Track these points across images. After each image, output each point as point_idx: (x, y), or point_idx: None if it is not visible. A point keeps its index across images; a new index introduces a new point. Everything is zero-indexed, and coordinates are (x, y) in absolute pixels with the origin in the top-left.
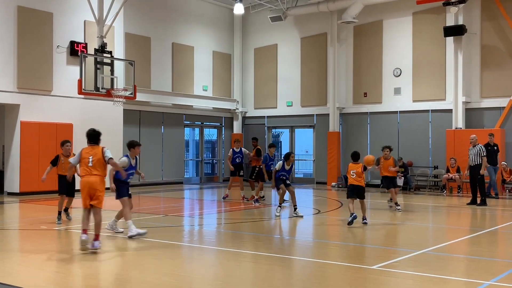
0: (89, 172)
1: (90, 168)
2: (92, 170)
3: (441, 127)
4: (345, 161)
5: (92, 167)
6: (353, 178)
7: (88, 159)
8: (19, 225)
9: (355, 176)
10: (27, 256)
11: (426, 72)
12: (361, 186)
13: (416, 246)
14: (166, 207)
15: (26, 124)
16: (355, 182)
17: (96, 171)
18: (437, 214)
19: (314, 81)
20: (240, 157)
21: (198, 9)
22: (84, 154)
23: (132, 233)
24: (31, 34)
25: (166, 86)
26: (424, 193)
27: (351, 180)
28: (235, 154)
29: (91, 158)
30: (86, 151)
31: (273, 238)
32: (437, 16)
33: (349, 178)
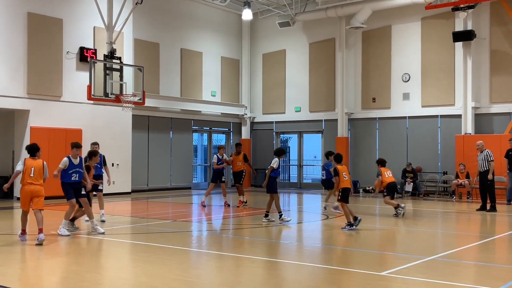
0: (31, 181)
1: (32, 178)
2: (33, 180)
3: (450, 133)
4: (354, 167)
5: (34, 178)
6: (346, 181)
7: (30, 170)
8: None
9: (347, 179)
10: (36, 261)
11: (435, 77)
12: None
13: (425, 252)
14: (175, 212)
15: (36, 129)
16: (349, 185)
17: (37, 180)
18: (447, 220)
19: (323, 86)
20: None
21: (206, 15)
22: (27, 165)
23: (60, 232)
24: (41, 40)
25: (175, 92)
26: (433, 199)
27: (346, 183)
28: (219, 160)
29: (33, 170)
30: (29, 162)
31: (281, 243)
32: (446, 21)
33: (342, 180)
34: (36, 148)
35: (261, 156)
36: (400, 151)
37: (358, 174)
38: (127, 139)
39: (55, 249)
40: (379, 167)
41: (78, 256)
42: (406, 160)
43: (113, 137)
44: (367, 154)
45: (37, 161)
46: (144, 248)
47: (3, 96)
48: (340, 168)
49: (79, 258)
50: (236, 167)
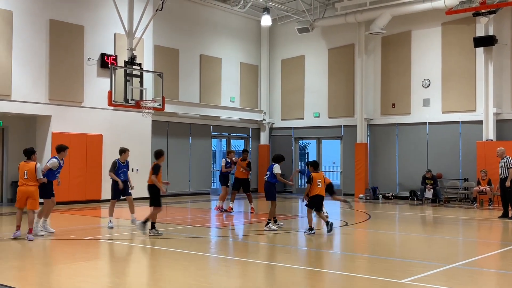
0: (25, 183)
1: (26, 180)
2: (27, 181)
3: (471, 139)
4: (373, 173)
5: (27, 179)
6: (319, 188)
7: (23, 173)
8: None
9: (321, 186)
10: (56, 266)
11: (456, 83)
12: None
13: (446, 260)
14: (193, 218)
15: (57, 135)
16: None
17: (31, 182)
18: (468, 227)
19: (342, 92)
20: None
21: (225, 21)
22: (21, 168)
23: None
24: (63, 47)
25: (194, 98)
26: (454, 205)
27: (318, 190)
28: (228, 164)
29: (26, 172)
30: (21, 165)
31: (299, 250)
32: (467, 26)
33: (315, 188)
34: (30, 151)
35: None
36: (420, 157)
37: (377, 181)
38: (147, 145)
39: (74, 253)
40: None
41: (98, 260)
42: (427, 166)
43: (133, 142)
44: (386, 161)
45: (30, 164)
46: (163, 253)
47: (25, 102)
48: (314, 176)
49: (99, 263)
50: (240, 173)
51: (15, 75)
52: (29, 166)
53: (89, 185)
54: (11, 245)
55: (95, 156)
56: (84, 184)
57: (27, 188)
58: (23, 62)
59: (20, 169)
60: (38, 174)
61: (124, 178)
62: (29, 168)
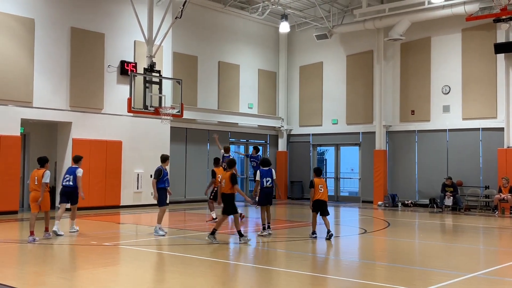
0: (35, 188)
1: (36, 186)
2: (37, 187)
3: (492, 146)
4: (392, 180)
5: (37, 185)
6: (321, 193)
7: (34, 179)
8: (69, 240)
9: (323, 191)
10: (74, 272)
11: (476, 89)
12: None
13: (467, 269)
14: (212, 224)
15: (78, 141)
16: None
17: (40, 187)
18: (489, 235)
19: (360, 98)
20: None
21: (244, 28)
22: (32, 175)
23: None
24: (84, 54)
25: (212, 104)
26: (475, 213)
27: (321, 195)
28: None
29: (36, 178)
30: (33, 172)
31: (318, 257)
32: (487, 32)
33: (317, 193)
34: (44, 160)
35: (298, 168)
36: (440, 164)
37: (396, 188)
38: (165, 151)
39: (94, 259)
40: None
41: (117, 266)
42: (447, 174)
43: (151, 148)
44: (405, 168)
45: (39, 171)
46: (181, 259)
47: (47, 109)
48: (316, 181)
49: (118, 269)
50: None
51: (37, 82)
52: (39, 173)
53: (109, 191)
54: (31, 250)
55: (114, 162)
56: (103, 189)
57: (37, 194)
58: (45, 69)
59: (31, 176)
60: (44, 178)
61: (168, 185)
62: (38, 174)
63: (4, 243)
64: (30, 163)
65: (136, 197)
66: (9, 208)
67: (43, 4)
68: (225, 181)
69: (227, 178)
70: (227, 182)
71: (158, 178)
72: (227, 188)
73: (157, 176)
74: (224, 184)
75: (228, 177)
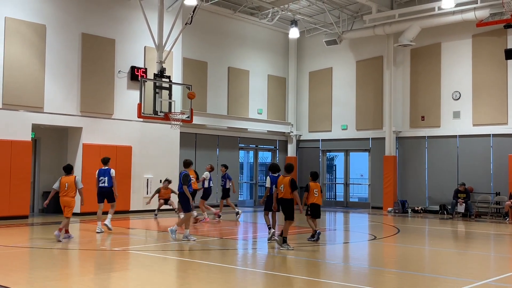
0: (65, 194)
1: (66, 191)
2: (67, 192)
3: (503, 152)
4: (402, 186)
5: (67, 191)
6: (316, 197)
7: (65, 185)
8: (79, 245)
9: (318, 195)
10: (85, 276)
11: (487, 95)
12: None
13: (477, 276)
14: (221, 229)
15: (88, 146)
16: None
17: (70, 193)
18: (499, 242)
19: (370, 104)
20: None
21: (253, 34)
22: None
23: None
24: (94, 60)
25: (222, 110)
26: (486, 220)
27: (315, 199)
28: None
29: (67, 185)
30: (63, 179)
31: (327, 263)
32: (497, 38)
33: (312, 197)
34: (69, 168)
35: (307, 174)
36: (450, 171)
37: (406, 194)
38: (175, 156)
39: (104, 264)
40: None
41: (127, 271)
42: (457, 180)
43: (161, 154)
44: (415, 174)
45: (70, 177)
46: (191, 265)
47: (57, 114)
48: (312, 185)
49: (128, 274)
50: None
51: (48, 87)
52: (70, 180)
53: (119, 196)
54: (42, 254)
55: (124, 167)
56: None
57: (66, 199)
58: (56, 75)
59: (61, 183)
60: (79, 184)
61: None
62: (69, 181)
63: (15, 248)
64: (41, 168)
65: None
66: (19, 213)
67: (55, 10)
68: (284, 186)
69: (287, 183)
70: (287, 188)
71: (188, 183)
72: (287, 193)
73: (187, 181)
74: (283, 189)
75: (288, 183)
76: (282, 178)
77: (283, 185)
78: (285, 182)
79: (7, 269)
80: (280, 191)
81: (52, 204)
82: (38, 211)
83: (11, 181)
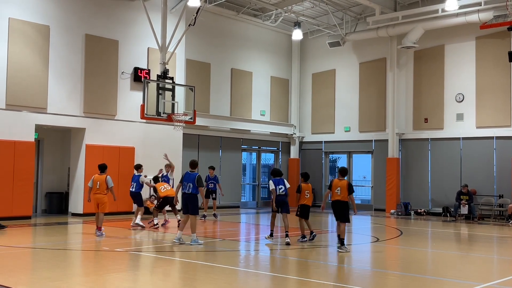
0: (98, 192)
1: (98, 189)
2: (99, 190)
3: (507, 155)
4: (405, 189)
5: (99, 189)
6: (307, 199)
7: (97, 183)
8: (81, 246)
9: (309, 197)
10: (89, 277)
11: (490, 97)
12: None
13: (480, 279)
14: (223, 231)
15: (91, 147)
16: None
17: (101, 191)
18: (503, 245)
19: (373, 106)
20: (213, 183)
21: (257, 35)
22: (95, 180)
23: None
24: (98, 61)
25: (225, 111)
26: (489, 222)
27: (306, 200)
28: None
29: (98, 183)
30: (96, 178)
31: (330, 265)
32: (501, 40)
33: (303, 198)
34: (103, 167)
35: (310, 176)
36: (454, 173)
37: (409, 196)
38: (178, 157)
39: (106, 265)
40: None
41: (129, 272)
42: (460, 182)
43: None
44: (418, 176)
45: (102, 176)
46: (193, 266)
47: (61, 115)
48: (304, 186)
49: (130, 275)
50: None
51: (51, 88)
52: (101, 178)
53: (121, 197)
54: (44, 255)
55: (127, 168)
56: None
57: (98, 196)
58: (59, 75)
59: (94, 181)
60: (110, 183)
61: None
62: (101, 179)
63: (17, 248)
64: (44, 169)
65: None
66: (22, 213)
67: (58, 11)
68: (341, 189)
69: (344, 186)
70: (344, 191)
71: (204, 185)
72: (344, 196)
73: (202, 183)
74: (339, 192)
75: (346, 186)
76: (338, 181)
77: (340, 188)
78: (342, 185)
79: (9, 270)
80: (336, 193)
81: (55, 205)
82: (41, 212)
83: (14, 181)
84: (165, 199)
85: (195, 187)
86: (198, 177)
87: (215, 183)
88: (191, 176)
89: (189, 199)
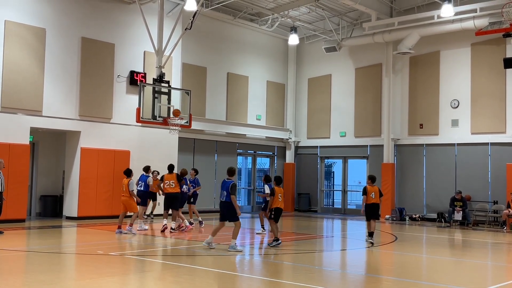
0: (123, 194)
1: (124, 192)
2: (124, 193)
3: (501, 161)
4: (400, 194)
5: (124, 191)
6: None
7: (122, 186)
8: (75, 249)
9: (281, 200)
10: (83, 280)
11: (485, 104)
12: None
13: (474, 285)
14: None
15: (86, 150)
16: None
17: (125, 193)
18: (497, 251)
19: (368, 111)
20: (193, 186)
21: (253, 40)
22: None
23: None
24: (94, 64)
25: (220, 115)
26: (483, 229)
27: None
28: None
29: (123, 186)
30: (123, 181)
31: (324, 270)
32: (496, 47)
33: (276, 201)
34: (127, 172)
35: (305, 180)
36: (448, 179)
37: (404, 202)
38: (173, 161)
39: (100, 268)
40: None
41: (123, 276)
42: (455, 188)
43: (160, 159)
44: (413, 182)
45: (125, 180)
46: (188, 270)
47: (56, 118)
48: (277, 190)
49: (124, 278)
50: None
51: (47, 91)
52: (125, 182)
53: (116, 200)
54: (39, 258)
55: (122, 171)
56: (111, 199)
57: (124, 198)
58: (55, 78)
59: (122, 184)
60: (130, 187)
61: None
62: (124, 183)
63: (12, 251)
64: (39, 172)
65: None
66: (17, 216)
67: (54, 14)
68: (374, 193)
69: (377, 191)
70: (377, 195)
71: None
72: (377, 199)
73: (235, 191)
74: (374, 196)
75: (378, 191)
76: (371, 187)
77: (374, 192)
78: (375, 190)
79: (3, 273)
80: (371, 198)
81: (50, 208)
82: (35, 215)
83: (8, 184)
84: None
85: (229, 195)
86: (231, 185)
87: (195, 186)
88: (226, 184)
89: (225, 206)
